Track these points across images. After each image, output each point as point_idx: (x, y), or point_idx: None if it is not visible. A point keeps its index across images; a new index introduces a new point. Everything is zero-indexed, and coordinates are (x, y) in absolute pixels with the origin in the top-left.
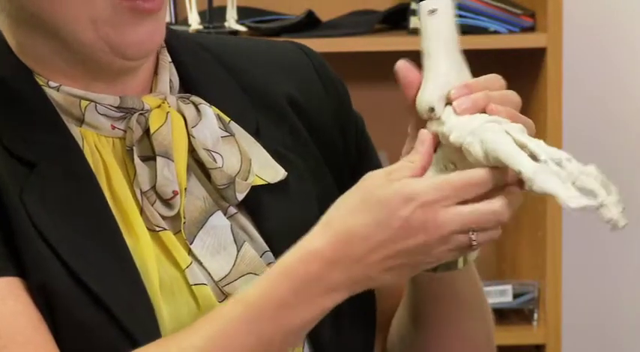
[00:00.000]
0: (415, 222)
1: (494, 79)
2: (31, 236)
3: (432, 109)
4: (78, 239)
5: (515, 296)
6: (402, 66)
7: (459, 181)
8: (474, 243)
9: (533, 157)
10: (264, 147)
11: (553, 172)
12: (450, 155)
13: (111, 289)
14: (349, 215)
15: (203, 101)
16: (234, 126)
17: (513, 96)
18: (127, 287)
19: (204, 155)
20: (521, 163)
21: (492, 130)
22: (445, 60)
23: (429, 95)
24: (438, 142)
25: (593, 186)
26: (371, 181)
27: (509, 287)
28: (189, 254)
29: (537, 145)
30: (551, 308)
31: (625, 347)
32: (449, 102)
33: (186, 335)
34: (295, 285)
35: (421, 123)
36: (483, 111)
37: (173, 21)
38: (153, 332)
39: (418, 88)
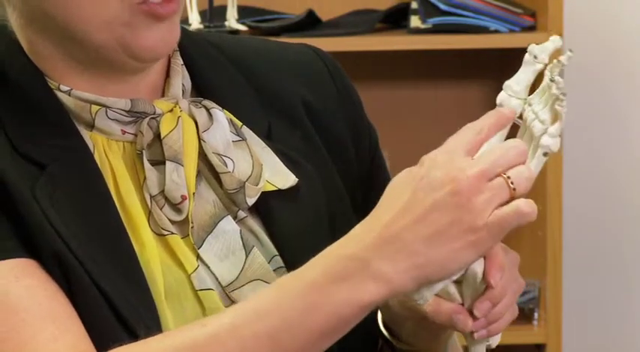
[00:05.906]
0: (436, 174)
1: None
2: (46, 227)
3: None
4: (86, 241)
5: None
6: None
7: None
8: (510, 181)
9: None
10: (276, 151)
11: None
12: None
13: (118, 291)
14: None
15: (215, 105)
16: (246, 131)
17: None
18: (133, 291)
19: (214, 159)
20: None
21: None
22: None
23: None
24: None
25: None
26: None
27: None
28: (197, 258)
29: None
30: (552, 307)
31: (625, 347)
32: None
33: (194, 327)
34: (327, 267)
35: None
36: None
37: None
38: None
39: None
